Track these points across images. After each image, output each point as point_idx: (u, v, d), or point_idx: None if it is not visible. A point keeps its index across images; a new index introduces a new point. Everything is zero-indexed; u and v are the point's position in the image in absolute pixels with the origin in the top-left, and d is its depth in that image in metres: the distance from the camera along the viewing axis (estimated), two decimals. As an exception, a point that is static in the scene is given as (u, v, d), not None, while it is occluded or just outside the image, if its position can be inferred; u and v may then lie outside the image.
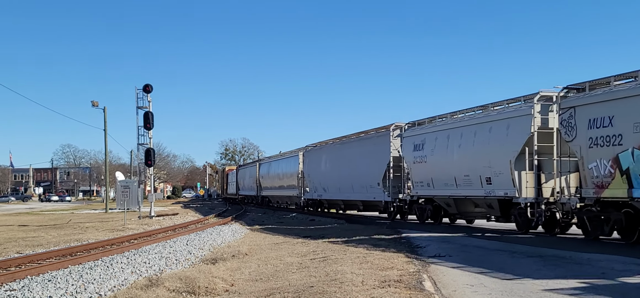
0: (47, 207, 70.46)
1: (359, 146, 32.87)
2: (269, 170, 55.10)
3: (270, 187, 54.94)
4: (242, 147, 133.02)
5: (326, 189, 37.67)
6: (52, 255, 17.23)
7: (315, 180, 39.86)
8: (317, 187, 39.44)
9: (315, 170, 39.84)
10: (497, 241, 17.25)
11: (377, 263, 12.64)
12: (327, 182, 37.33)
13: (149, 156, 38.07)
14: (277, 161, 53.19)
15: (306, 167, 41.92)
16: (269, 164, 56.17)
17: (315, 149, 41.15)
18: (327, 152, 38.03)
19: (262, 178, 57.61)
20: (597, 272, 11.12)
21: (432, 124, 25.28)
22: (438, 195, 24.27)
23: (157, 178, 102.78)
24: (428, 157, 24.40)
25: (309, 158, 41.54)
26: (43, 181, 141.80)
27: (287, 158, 48.97)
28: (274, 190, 53.54)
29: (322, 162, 38.23)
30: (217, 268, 13.57)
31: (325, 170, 37.56)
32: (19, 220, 38.75)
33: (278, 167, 51.60)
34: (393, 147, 27.94)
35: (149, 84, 38.14)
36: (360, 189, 31.86)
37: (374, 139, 30.85)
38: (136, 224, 31.55)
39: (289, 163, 47.37)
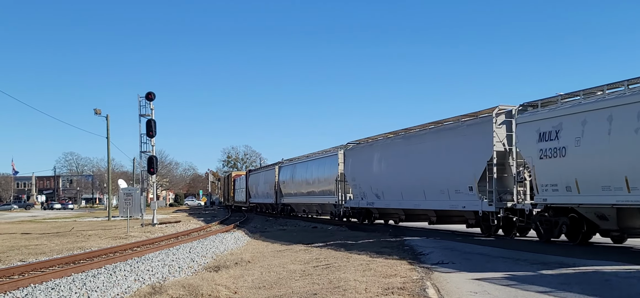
0: (49, 215, 70.50)
1: (437, 139, 25.30)
2: (294, 174, 46.59)
3: (294, 193, 46.79)
4: (245, 154, 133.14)
5: (380, 195, 30.01)
6: (55, 263, 17.24)
7: (362, 185, 32.07)
8: (365, 193, 31.71)
9: (362, 172, 32.23)
10: (500, 248, 17.22)
11: (380, 271, 12.62)
12: (381, 186, 29.74)
13: (151, 164, 38.07)
14: (305, 163, 44.76)
15: (349, 169, 34.27)
16: (293, 167, 47.57)
17: (362, 146, 33.43)
18: (382, 149, 30.28)
19: (284, 183, 49.20)
20: (600, 279, 11.10)
21: (574, 101, 18.30)
22: (587, 204, 17.24)
23: (159, 185, 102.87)
24: (569, 148, 17.52)
25: (353, 158, 33.80)
26: (46, 189, 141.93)
27: (320, 159, 40.98)
28: (301, 197, 45.23)
29: (373, 161, 30.73)
30: (220, 275, 13.57)
31: (379, 171, 30.08)
32: (22, 228, 38.77)
33: (306, 170, 43.49)
34: (496, 138, 20.82)
35: (151, 92, 38.19)
36: (437, 195, 24.59)
37: (463, 129, 23.36)
38: (139, 232, 31.55)
39: (323, 165, 39.74)
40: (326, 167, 38.80)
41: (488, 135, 21.11)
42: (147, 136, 38.37)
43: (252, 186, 63.81)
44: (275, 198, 52.15)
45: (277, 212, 52.41)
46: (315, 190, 41.08)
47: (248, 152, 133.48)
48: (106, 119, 53.58)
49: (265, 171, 58.97)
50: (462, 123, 23.67)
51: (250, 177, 65.54)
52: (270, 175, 54.05)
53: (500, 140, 20.94)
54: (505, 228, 21.17)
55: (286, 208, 50.03)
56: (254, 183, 62.84)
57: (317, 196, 40.83)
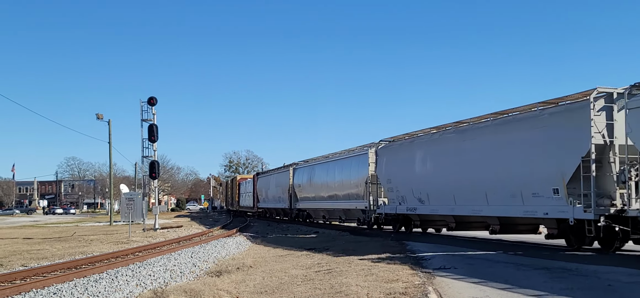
0: (51, 220, 70.54)
1: (504, 132, 21.07)
2: (312, 176, 41.66)
3: (312, 197, 41.86)
4: (246, 159, 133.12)
5: (425, 200, 25.40)
6: (57, 268, 17.24)
7: (401, 187, 27.40)
8: (405, 197, 26.96)
9: (400, 173, 27.51)
10: (502, 253, 17.19)
11: (382, 276, 12.61)
12: (427, 189, 25.21)
13: (153, 169, 38.10)
14: (325, 164, 39.97)
15: (382, 170, 29.69)
16: (310, 169, 42.86)
17: (399, 143, 28.84)
18: (427, 146, 25.74)
19: (299, 187, 44.71)
20: (603, 284, 11.08)
21: None
22: None
23: (161, 190, 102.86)
24: None
25: (388, 157, 29.24)
26: (47, 194, 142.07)
27: (345, 160, 36.31)
28: (320, 201, 40.15)
29: (415, 160, 26.25)
30: (222, 280, 13.56)
31: (423, 172, 25.60)
32: (24, 233, 38.80)
33: (328, 172, 38.59)
34: (595, 129, 16.60)
35: (153, 97, 38.23)
36: (505, 200, 20.31)
37: (544, 119, 18.99)
38: (141, 237, 31.56)
39: (349, 166, 35.05)
40: (353, 168, 34.29)
41: (584, 125, 16.77)
42: (149, 141, 38.40)
43: (260, 190, 59.42)
44: (289, 202, 47.40)
45: (291, 217, 48.09)
46: (338, 194, 36.62)
47: (250, 157, 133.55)
48: (108, 124, 53.61)
49: (276, 174, 53.62)
50: (542, 112, 19.22)
51: (259, 181, 60.87)
52: (283, 178, 49.44)
53: (598, 131, 16.69)
54: (604, 240, 16.92)
55: (302, 214, 45.56)
56: (264, 187, 58.25)
57: (341, 201, 36.45)
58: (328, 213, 40.01)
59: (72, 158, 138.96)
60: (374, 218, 31.33)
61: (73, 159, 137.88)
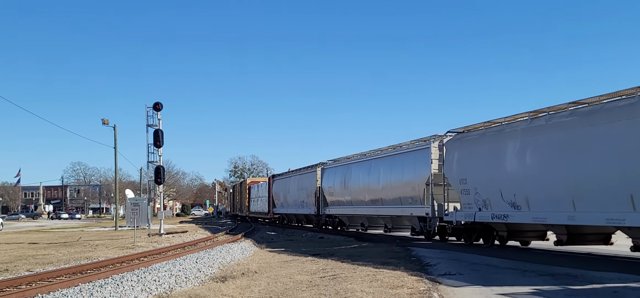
0: (57, 225, 70.70)
1: None
2: (347, 177, 35.84)
3: (347, 201, 36.21)
4: (251, 164, 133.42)
5: (521, 204, 19.67)
6: (63, 273, 17.27)
7: (483, 188, 21.63)
8: (490, 201, 21.22)
9: (481, 171, 21.85)
10: (507, 259, 17.15)
11: (387, 281, 12.59)
12: (525, 190, 19.46)
13: (158, 174, 38.18)
14: (367, 163, 33.77)
15: (453, 167, 23.64)
16: (345, 169, 36.70)
17: (480, 133, 22.87)
18: (525, 135, 19.85)
19: (330, 189, 38.96)
20: (608, 290, 11.04)
21: None
22: None
23: (166, 195, 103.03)
24: None
25: (462, 152, 23.41)
26: (53, 199, 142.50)
27: (396, 156, 30.30)
28: (358, 207, 34.57)
29: (505, 154, 20.60)
30: (227, 286, 13.55)
31: (519, 169, 19.87)
32: (29, 238, 38.90)
33: (370, 171, 32.57)
34: None
35: (159, 102, 38.37)
36: None
37: None
38: (146, 242, 31.60)
39: (401, 165, 29.13)
40: (407, 166, 28.19)
41: None
42: (154, 146, 38.51)
43: (278, 194, 53.91)
44: (317, 208, 41.33)
45: (317, 224, 42.46)
46: (384, 198, 30.67)
47: (255, 162, 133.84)
48: (114, 129, 53.79)
49: (299, 175, 47.37)
50: None
51: (276, 183, 55.03)
52: (309, 180, 43.46)
53: None
54: None
55: (333, 221, 39.83)
56: (281, 190, 52.82)
57: (389, 206, 30.30)
58: (368, 220, 34.86)
59: (78, 164, 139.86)
60: (438, 227, 25.80)
61: (79, 164, 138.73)
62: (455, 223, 24.03)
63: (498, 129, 21.72)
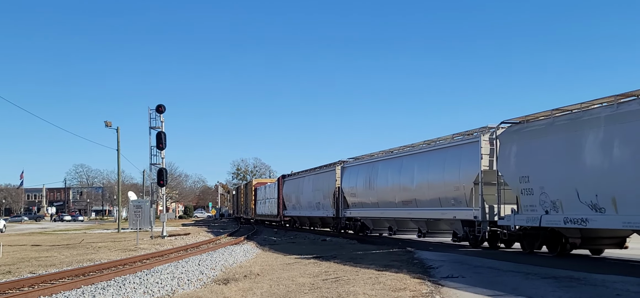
0: (59, 227, 70.78)
1: None
2: (373, 177, 32.01)
3: (373, 204, 32.30)
4: (254, 167, 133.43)
5: (606, 206, 16.44)
6: (65, 275, 17.29)
7: (551, 188, 18.53)
8: (561, 202, 18.08)
9: (549, 167, 18.65)
10: (510, 262, 17.12)
11: (389, 284, 12.58)
12: (612, 188, 16.25)
13: (161, 176, 38.19)
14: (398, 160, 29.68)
15: (510, 163, 20.55)
16: (370, 167, 32.77)
17: (545, 125, 19.40)
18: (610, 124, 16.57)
19: (352, 190, 35.20)
20: (611, 293, 11.01)
21: None
22: None
23: (169, 198, 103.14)
24: None
25: (521, 146, 20.17)
26: (56, 201, 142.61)
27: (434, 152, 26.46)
28: (386, 209, 30.73)
29: (583, 147, 17.37)
30: (229, 288, 13.55)
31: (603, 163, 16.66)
32: (32, 240, 38.94)
33: (401, 170, 28.63)
34: None
35: (161, 105, 38.39)
36: None
37: None
38: (148, 244, 31.61)
39: (441, 162, 25.49)
40: (449, 163, 24.74)
41: None
42: (157, 148, 38.54)
43: (289, 195, 50.01)
44: (336, 210, 37.67)
45: (336, 228, 38.61)
46: (420, 199, 26.98)
47: (257, 165, 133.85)
48: (116, 131, 53.84)
49: (315, 175, 43.28)
50: None
51: (287, 184, 51.06)
52: (326, 180, 39.78)
53: None
54: None
55: (354, 224, 36.08)
56: (293, 191, 48.81)
57: (425, 209, 26.66)
58: (397, 224, 31.16)
59: (81, 166, 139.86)
60: (491, 232, 22.21)
61: (81, 166, 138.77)
62: (513, 229, 20.62)
63: (571, 117, 18.22)
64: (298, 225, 49.30)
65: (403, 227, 30.97)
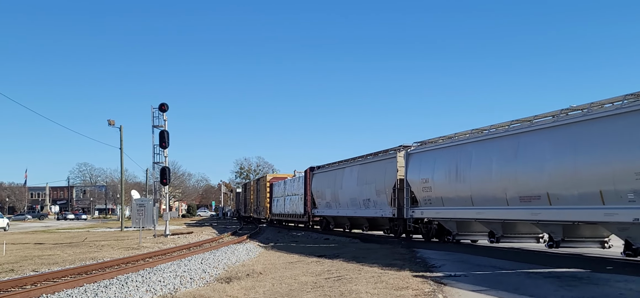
0: (63, 225, 70.87)
1: None
2: (461, 165, 23.87)
3: (461, 200, 23.94)
4: (257, 166, 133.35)
5: None
6: (68, 273, 17.30)
7: None
8: None
9: None
10: (512, 261, 17.09)
11: (392, 283, 12.57)
12: None
13: (164, 175, 38.20)
14: (504, 140, 21.53)
15: None
16: (456, 152, 24.47)
17: None
18: None
19: (422, 184, 26.60)
20: (615, 293, 10.98)
21: None
22: None
23: (172, 196, 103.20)
24: None
25: None
26: (59, 199, 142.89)
27: (600, 122, 16.89)
28: (489, 209, 22.35)
29: None
30: (232, 287, 13.55)
31: None
32: (35, 238, 38.99)
33: (516, 154, 20.49)
34: None
35: (164, 103, 38.37)
36: None
37: None
38: (151, 243, 31.62)
39: (601, 135, 16.80)
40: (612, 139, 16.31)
41: None
42: (160, 147, 38.52)
43: (321, 191, 41.17)
44: (398, 209, 28.93)
45: (397, 233, 30.23)
46: (556, 192, 18.48)
47: (261, 164, 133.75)
48: (119, 130, 53.91)
49: (361, 165, 34.70)
50: None
51: (318, 178, 42.27)
52: (380, 171, 31.25)
53: None
54: None
55: (428, 227, 27.47)
56: (328, 185, 39.68)
57: (567, 208, 18.13)
58: (504, 228, 22.87)
59: (84, 164, 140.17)
60: None
61: (85, 165, 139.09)
62: None
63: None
64: (333, 225, 41.18)
65: (511, 232, 22.95)
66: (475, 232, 25.17)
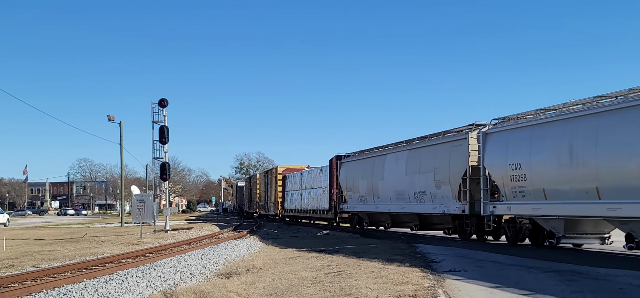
0: (63, 221, 70.89)
1: None
2: (574, 144, 17.43)
3: (573, 189, 17.52)
4: (257, 161, 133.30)
5: None
6: (68, 268, 17.31)
7: None
8: None
9: None
10: (513, 256, 17.10)
11: (392, 278, 12.57)
12: None
13: (164, 170, 38.20)
14: None
15: None
16: (564, 129, 18.05)
17: None
18: None
19: (506, 171, 20.41)
20: (614, 287, 10.99)
21: None
22: None
23: (172, 192, 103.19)
24: None
25: None
26: (59, 195, 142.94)
27: None
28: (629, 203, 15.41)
29: None
30: (232, 282, 13.56)
31: None
32: (35, 234, 39.01)
33: None
34: None
35: (164, 99, 38.36)
36: None
37: None
38: (151, 238, 31.62)
39: None
40: None
41: None
42: (159, 143, 38.52)
43: (352, 183, 34.45)
44: (467, 203, 23.01)
45: (465, 234, 24.17)
46: None
47: (261, 159, 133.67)
48: (119, 126, 53.90)
49: (411, 151, 27.92)
50: None
51: (347, 168, 35.69)
52: (442, 157, 24.81)
53: None
54: None
55: (515, 227, 21.09)
56: (362, 176, 32.89)
57: None
58: None
59: (84, 160, 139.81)
60: None
61: (85, 160, 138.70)
62: None
63: None
64: (366, 224, 34.43)
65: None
66: (588, 235, 19.24)
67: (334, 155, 37.75)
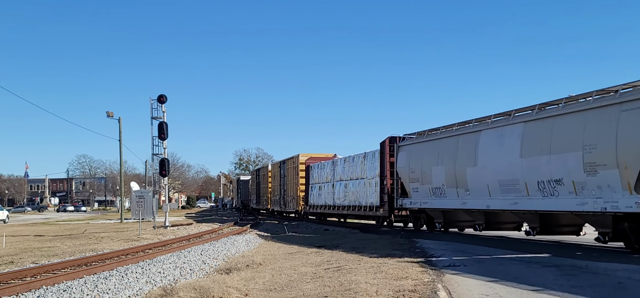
0: (62, 217, 70.91)
1: None
2: None
3: None
4: (256, 157, 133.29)
5: None
6: (68, 265, 17.32)
7: None
8: None
9: None
10: (513, 251, 17.10)
11: (391, 273, 12.58)
12: None
13: (163, 166, 38.19)
14: None
15: None
16: None
17: None
18: None
19: None
20: (613, 281, 10.98)
21: None
22: None
23: (171, 188, 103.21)
24: None
25: None
26: (59, 191, 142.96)
27: None
28: None
29: None
30: (232, 278, 13.57)
31: None
32: (35, 230, 39.02)
33: None
34: None
35: (163, 95, 38.34)
36: None
37: None
38: (151, 234, 31.64)
39: None
40: None
41: None
42: (159, 138, 38.51)
43: (417, 172, 25.94)
44: None
45: None
46: None
47: (260, 154, 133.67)
48: (118, 122, 53.83)
49: (529, 122, 19.01)
50: None
51: (409, 152, 27.12)
52: (593, 127, 15.98)
53: None
54: None
55: None
56: (438, 161, 24.26)
57: None
58: None
59: (83, 156, 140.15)
60: None
61: (84, 157, 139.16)
62: None
63: None
64: (441, 225, 25.42)
65: None
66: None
67: (386, 137, 29.19)
